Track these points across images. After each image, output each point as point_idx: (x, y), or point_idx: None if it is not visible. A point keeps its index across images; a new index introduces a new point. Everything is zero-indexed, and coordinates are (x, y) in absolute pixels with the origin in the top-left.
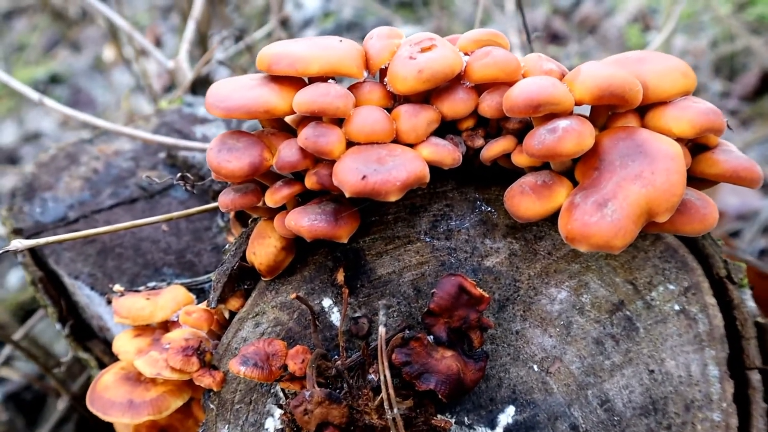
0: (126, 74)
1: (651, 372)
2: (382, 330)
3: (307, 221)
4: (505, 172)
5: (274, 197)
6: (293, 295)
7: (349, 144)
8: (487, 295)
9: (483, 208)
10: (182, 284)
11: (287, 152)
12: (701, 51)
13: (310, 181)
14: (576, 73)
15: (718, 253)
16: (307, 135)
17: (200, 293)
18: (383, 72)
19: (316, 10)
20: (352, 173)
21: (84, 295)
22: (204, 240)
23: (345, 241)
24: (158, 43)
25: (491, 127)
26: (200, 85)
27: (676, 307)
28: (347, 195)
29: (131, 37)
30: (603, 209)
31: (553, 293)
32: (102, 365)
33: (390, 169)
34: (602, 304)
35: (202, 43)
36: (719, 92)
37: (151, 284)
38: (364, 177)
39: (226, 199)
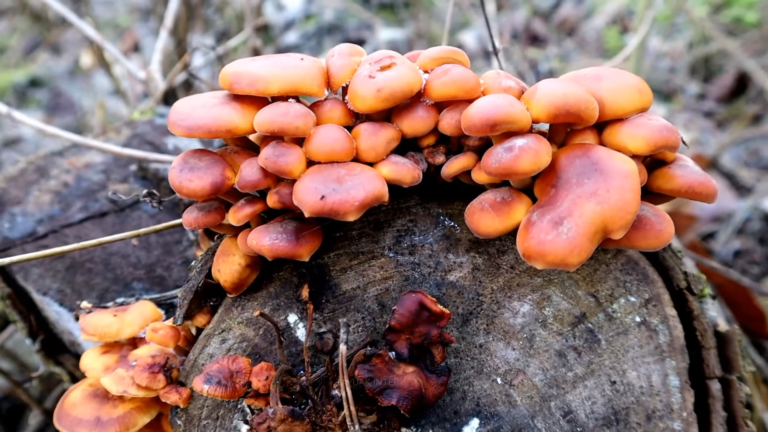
0: (106, 77)
1: (613, 383)
2: (342, 348)
3: (267, 240)
4: (468, 188)
5: (236, 216)
6: (257, 312)
7: (310, 163)
8: (448, 312)
9: (446, 223)
10: (151, 299)
11: (248, 171)
12: (678, 53)
13: (272, 200)
14: (533, 91)
15: (678, 265)
16: (267, 155)
17: (170, 308)
18: (345, 90)
19: (298, 13)
20: (310, 193)
21: (53, 311)
22: (174, 254)
23: (306, 259)
24: (136, 47)
25: (452, 143)
26: (173, 96)
27: (638, 319)
28: (306, 215)
29: (102, 47)
30: (559, 227)
31: (516, 307)
32: (74, 379)
33: (348, 189)
34: (564, 317)
35: (180, 47)
36: (695, 94)
37: (120, 300)
38: (322, 197)
39: (190, 218)
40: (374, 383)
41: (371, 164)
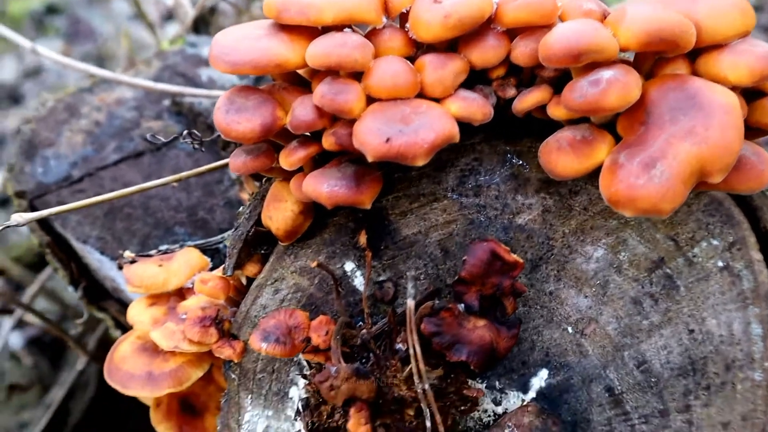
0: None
1: (691, 332)
2: (410, 303)
3: (326, 187)
4: (539, 123)
5: (289, 159)
6: (314, 263)
7: (370, 100)
8: (522, 261)
9: (514, 161)
10: (195, 246)
11: (302, 111)
12: None
13: (328, 142)
14: (620, 15)
15: (767, 205)
16: (323, 92)
17: (215, 254)
18: (404, 16)
19: None
20: (374, 135)
21: (94, 259)
22: (216, 194)
23: (368, 206)
24: None
25: (524, 75)
26: (204, 23)
27: (720, 264)
28: (369, 160)
29: None
30: (651, 170)
31: (589, 251)
32: (119, 324)
33: (416, 130)
34: (641, 262)
35: None
36: (754, 5)
37: (163, 247)
38: (388, 140)
39: (237, 162)
40: (443, 338)
41: (437, 100)
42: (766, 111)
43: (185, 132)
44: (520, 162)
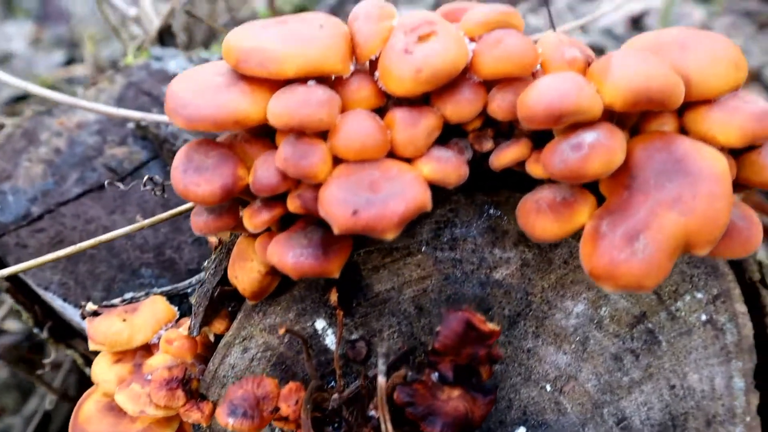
0: None
1: (672, 387)
2: (381, 381)
3: (291, 257)
4: (518, 174)
5: (253, 222)
6: (282, 330)
7: (337, 159)
8: (498, 328)
9: (492, 212)
10: (162, 293)
11: (264, 173)
12: None
13: (294, 205)
14: (605, 67)
15: (753, 255)
16: (286, 156)
17: (183, 299)
18: (373, 63)
19: None
20: (340, 207)
21: (57, 304)
22: (184, 231)
23: (337, 275)
24: None
25: (502, 126)
26: (169, 34)
27: (703, 318)
28: (336, 233)
29: None
30: (634, 243)
31: (569, 306)
32: (88, 361)
33: (385, 200)
34: (622, 317)
35: None
36: None
37: (128, 296)
38: (355, 212)
39: (199, 222)
40: (416, 408)
41: (409, 160)
42: (755, 168)
43: (145, 178)
44: (498, 213)
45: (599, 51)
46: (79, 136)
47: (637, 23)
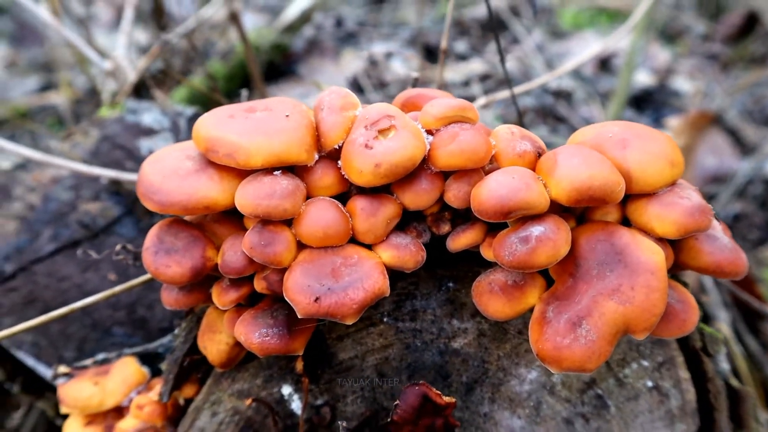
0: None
1: None
2: None
3: (257, 337)
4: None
5: (221, 300)
6: (249, 401)
7: (301, 244)
8: (453, 400)
9: (450, 285)
10: (134, 354)
11: (232, 257)
12: None
13: (260, 286)
14: (551, 165)
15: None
16: (252, 243)
17: (155, 359)
18: (336, 152)
19: None
20: (303, 294)
21: (30, 363)
22: (156, 288)
23: (300, 353)
24: None
25: (458, 210)
26: (144, 87)
27: (649, 384)
28: (299, 316)
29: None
30: (577, 329)
31: (523, 373)
32: (59, 412)
33: (346, 288)
34: (573, 383)
35: (157, 10)
36: (702, 34)
37: (100, 357)
38: (317, 299)
39: (170, 298)
40: None
41: (369, 246)
42: (692, 253)
43: (118, 247)
44: (457, 287)
45: (567, 95)
46: (53, 192)
47: (604, 65)
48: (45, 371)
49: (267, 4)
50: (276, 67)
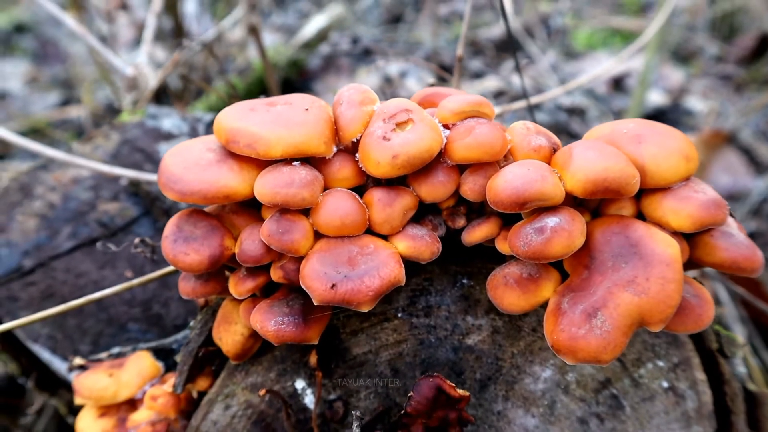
0: (95, 20)
1: None
2: None
3: (273, 325)
4: (489, 247)
5: (238, 289)
6: (263, 392)
7: (318, 234)
8: (467, 394)
9: (464, 282)
10: (148, 348)
11: (249, 245)
12: (699, 8)
13: (276, 275)
14: (567, 158)
15: (711, 326)
16: (270, 231)
17: (169, 355)
18: (354, 145)
19: None
20: (320, 280)
21: (45, 357)
22: (171, 287)
23: (316, 342)
24: (124, 5)
25: (474, 203)
26: (165, 93)
27: (665, 384)
28: (315, 303)
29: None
30: (592, 320)
31: (537, 371)
32: (72, 410)
33: (362, 276)
34: (588, 383)
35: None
36: (715, 56)
37: (115, 350)
38: (333, 286)
39: (187, 287)
40: None
41: (385, 236)
42: (707, 249)
43: (137, 241)
44: (471, 283)
45: (581, 112)
46: (73, 192)
47: (618, 84)
48: (60, 365)
49: (284, 24)
50: (292, 83)
